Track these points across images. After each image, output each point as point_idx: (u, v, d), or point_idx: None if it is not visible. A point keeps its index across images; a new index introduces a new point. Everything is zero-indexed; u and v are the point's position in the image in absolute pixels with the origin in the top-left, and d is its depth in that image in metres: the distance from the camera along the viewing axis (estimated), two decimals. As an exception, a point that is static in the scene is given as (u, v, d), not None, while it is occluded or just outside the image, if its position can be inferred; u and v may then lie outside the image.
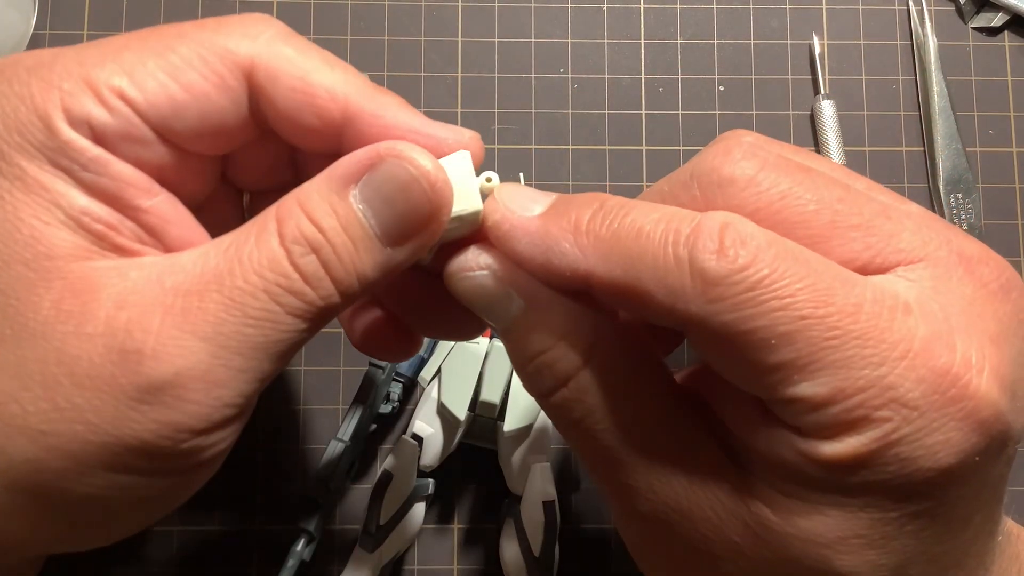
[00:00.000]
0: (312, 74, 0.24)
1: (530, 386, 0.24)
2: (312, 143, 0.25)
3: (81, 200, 0.22)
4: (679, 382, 0.24)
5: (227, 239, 0.23)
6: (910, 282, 0.21)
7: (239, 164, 0.27)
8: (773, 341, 0.20)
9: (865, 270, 0.22)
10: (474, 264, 0.24)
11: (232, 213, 0.29)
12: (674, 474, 0.22)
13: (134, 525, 0.25)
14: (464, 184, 0.24)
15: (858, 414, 0.20)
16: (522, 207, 0.23)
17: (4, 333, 0.21)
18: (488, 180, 0.24)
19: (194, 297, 0.22)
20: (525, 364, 0.24)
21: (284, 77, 0.23)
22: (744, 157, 0.22)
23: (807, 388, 0.20)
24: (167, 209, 0.24)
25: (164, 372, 0.21)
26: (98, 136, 0.22)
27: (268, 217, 0.23)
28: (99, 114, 0.22)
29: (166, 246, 0.24)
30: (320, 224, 0.22)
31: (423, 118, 0.24)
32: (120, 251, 0.23)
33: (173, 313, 0.21)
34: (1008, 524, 0.24)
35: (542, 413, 0.38)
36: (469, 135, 0.25)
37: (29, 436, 0.21)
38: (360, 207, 0.23)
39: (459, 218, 0.24)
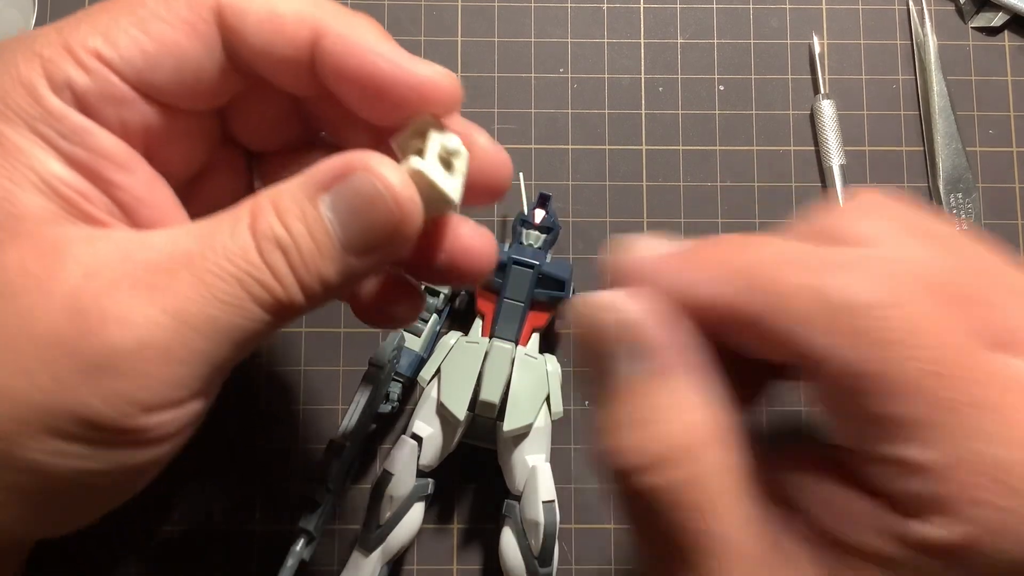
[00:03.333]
0: (278, 4, 0.24)
1: (615, 457, 0.21)
2: (291, 78, 0.25)
3: (56, 167, 0.23)
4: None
5: (201, 225, 0.23)
6: None
7: (238, 120, 0.28)
8: (896, 390, 0.18)
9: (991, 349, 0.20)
10: (620, 306, 0.21)
11: (237, 179, 0.30)
12: None
13: (88, 508, 0.25)
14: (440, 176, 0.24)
15: (966, 494, 0.18)
16: (652, 248, 0.22)
17: None
18: (449, 154, 0.24)
19: (163, 274, 0.22)
20: (623, 430, 0.21)
21: (251, 12, 0.24)
22: (876, 218, 0.22)
23: (918, 450, 0.18)
24: (142, 189, 0.25)
25: (126, 341, 0.21)
26: (80, 100, 0.23)
27: (243, 210, 0.23)
28: (78, 77, 0.23)
29: (136, 225, 0.24)
30: (288, 226, 0.23)
31: (393, 46, 0.25)
32: (90, 220, 0.23)
33: (141, 286, 0.22)
34: None
35: (542, 413, 0.38)
36: (443, 72, 0.25)
37: None
38: (328, 215, 0.23)
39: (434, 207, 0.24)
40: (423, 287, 0.35)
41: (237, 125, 0.28)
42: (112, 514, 0.40)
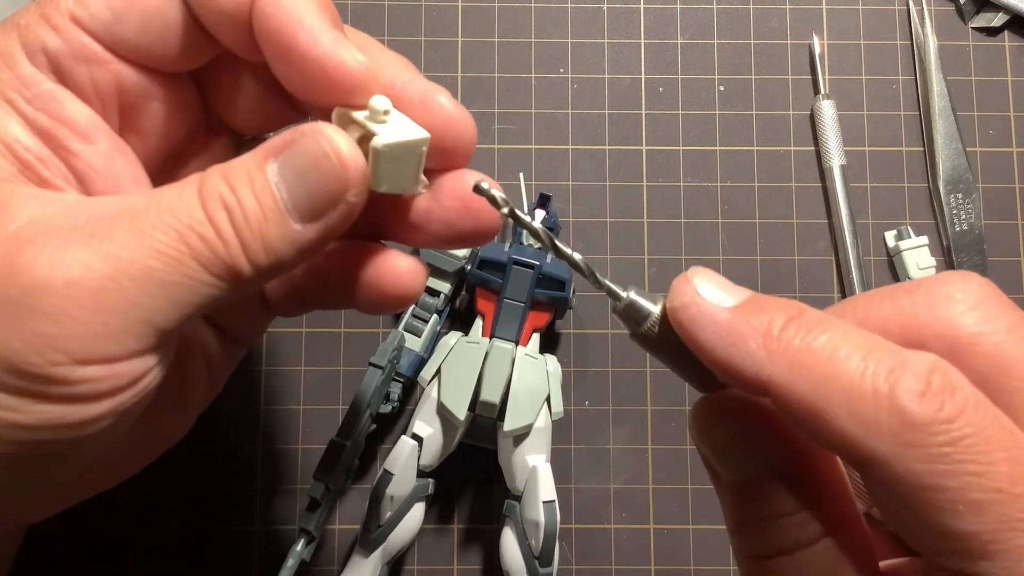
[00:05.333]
0: None
1: (744, 543, 0.22)
2: (232, 35, 0.25)
3: (16, 130, 0.24)
4: None
5: (151, 190, 0.24)
6: None
7: (219, 96, 0.28)
8: (960, 507, 0.18)
9: None
10: (738, 407, 0.22)
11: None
12: None
13: (39, 484, 0.24)
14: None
15: None
16: (713, 295, 0.22)
17: None
18: (385, 112, 0.24)
19: (105, 222, 0.22)
20: (749, 521, 0.22)
21: None
22: (980, 285, 0.21)
23: (986, 568, 0.18)
24: (100, 160, 0.25)
25: (55, 278, 0.21)
26: (54, 63, 0.24)
27: (193, 176, 0.23)
28: (50, 39, 0.24)
29: (90, 194, 0.25)
30: (235, 188, 0.23)
31: (322, 21, 0.24)
32: (44, 184, 0.24)
33: (81, 232, 0.22)
34: None
35: (542, 413, 0.38)
36: (357, 59, 0.24)
37: None
38: (275, 180, 0.23)
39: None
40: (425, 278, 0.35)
41: (218, 102, 0.28)
42: (112, 513, 0.40)
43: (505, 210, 0.24)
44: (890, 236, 0.44)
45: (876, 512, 0.23)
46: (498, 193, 0.24)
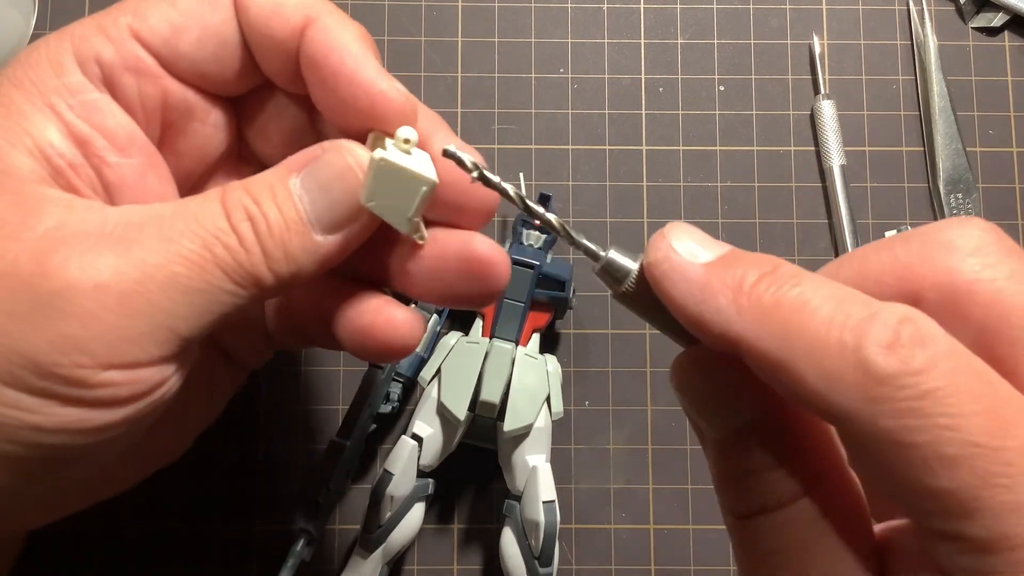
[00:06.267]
0: None
1: (726, 499, 0.21)
2: (278, 63, 0.26)
3: (52, 135, 0.24)
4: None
5: (176, 200, 0.24)
6: None
7: (256, 127, 0.28)
8: (933, 463, 0.17)
9: None
10: (709, 360, 0.21)
11: None
12: None
13: (54, 486, 0.24)
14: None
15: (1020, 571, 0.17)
16: (689, 251, 0.21)
17: None
18: (406, 141, 0.25)
19: (133, 228, 0.23)
20: (730, 478, 0.21)
21: None
22: (981, 230, 0.20)
23: (966, 527, 0.17)
24: (132, 173, 0.25)
25: (85, 281, 0.21)
26: (106, 72, 0.25)
27: (214, 189, 0.24)
28: (104, 49, 0.24)
29: (116, 205, 0.25)
30: (258, 200, 0.24)
31: (367, 54, 0.25)
32: (71, 191, 0.24)
33: (110, 238, 0.22)
34: None
35: (542, 412, 0.38)
36: (400, 90, 0.25)
37: None
38: (298, 192, 0.24)
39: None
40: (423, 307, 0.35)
41: (252, 132, 0.29)
42: (112, 513, 0.40)
43: (475, 173, 0.24)
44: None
45: None
46: (467, 156, 0.24)
